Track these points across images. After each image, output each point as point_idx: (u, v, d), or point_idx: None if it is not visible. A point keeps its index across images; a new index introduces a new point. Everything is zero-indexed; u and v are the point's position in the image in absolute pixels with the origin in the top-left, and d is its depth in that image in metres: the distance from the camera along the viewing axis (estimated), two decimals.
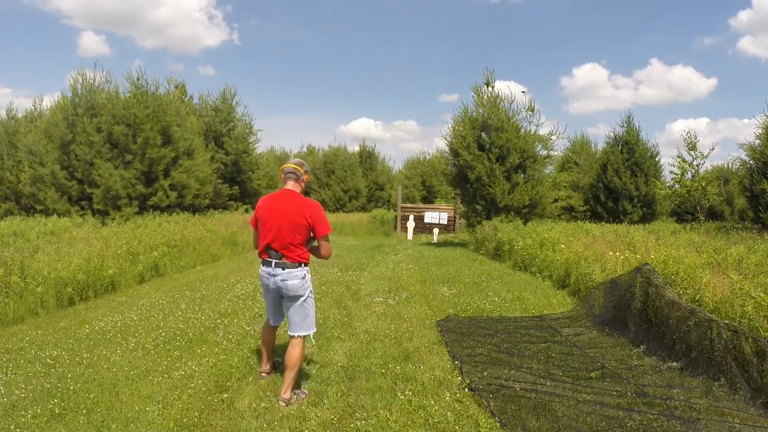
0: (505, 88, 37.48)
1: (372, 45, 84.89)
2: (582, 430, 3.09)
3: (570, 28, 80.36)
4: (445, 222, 20.99)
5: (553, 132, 15.73)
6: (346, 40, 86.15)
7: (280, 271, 3.45)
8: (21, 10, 67.41)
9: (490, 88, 15.87)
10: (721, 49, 72.98)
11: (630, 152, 20.60)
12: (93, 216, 14.80)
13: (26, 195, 16.71)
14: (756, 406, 3.36)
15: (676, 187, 15.40)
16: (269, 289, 3.59)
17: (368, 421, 3.23)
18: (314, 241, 3.62)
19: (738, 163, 19.57)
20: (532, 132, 15.48)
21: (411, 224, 19.60)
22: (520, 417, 3.24)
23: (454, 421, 3.23)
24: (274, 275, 3.47)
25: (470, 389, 3.70)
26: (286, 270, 3.45)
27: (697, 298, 4.99)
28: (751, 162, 16.69)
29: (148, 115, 15.31)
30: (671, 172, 15.88)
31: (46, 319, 6.13)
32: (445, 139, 16.16)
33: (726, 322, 3.93)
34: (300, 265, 3.49)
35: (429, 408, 3.39)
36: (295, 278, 3.46)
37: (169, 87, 18.71)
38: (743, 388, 3.52)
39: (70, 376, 4.06)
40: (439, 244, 16.44)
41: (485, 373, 4.01)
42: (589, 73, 74.84)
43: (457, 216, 20.53)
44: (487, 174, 14.70)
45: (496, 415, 3.27)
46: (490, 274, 9.29)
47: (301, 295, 3.50)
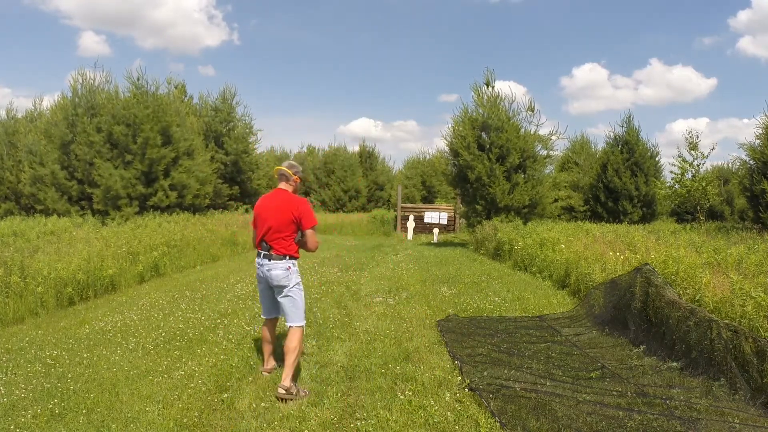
0: (505, 88, 37.56)
1: (372, 45, 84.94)
2: (582, 430, 3.09)
3: (570, 28, 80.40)
4: (445, 222, 21.00)
5: (553, 132, 15.76)
6: (346, 40, 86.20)
7: (267, 261, 3.75)
8: (21, 10, 67.50)
9: (490, 88, 15.87)
10: (721, 49, 73.06)
11: (630, 152, 20.60)
12: (93, 216, 14.81)
13: (26, 195, 16.73)
14: (756, 406, 3.36)
15: (676, 187, 15.41)
16: (260, 279, 3.88)
17: (368, 421, 3.23)
18: (302, 236, 3.87)
19: (738, 163, 19.62)
20: (532, 132, 15.49)
21: (411, 224, 19.61)
22: (520, 417, 3.24)
23: (454, 421, 3.23)
24: (263, 265, 3.77)
25: (470, 389, 3.70)
26: (272, 261, 3.73)
27: (697, 298, 4.99)
28: (751, 162, 16.70)
29: (148, 115, 15.31)
30: (671, 172, 15.89)
31: (46, 319, 6.13)
32: (445, 139, 16.19)
33: (726, 322, 3.93)
34: (285, 258, 3.74)
35: (429, 408, 3.39)
36: (280, 269, 3.71)
37: (169, 87, 18.74)
38: (743, 388, 3.52)
39: (70, 376, 4.06)
40: (439, 244, 16.44)
41: (485, 373, 4.01)
42: (589, 73, 74.87)
43: (457, 216, 20.54)
44: (487, 174, 14.71)
45: (496, 415, 3.27)
46: (490, 274, 9.29)
47: (285, 285, 3.74)
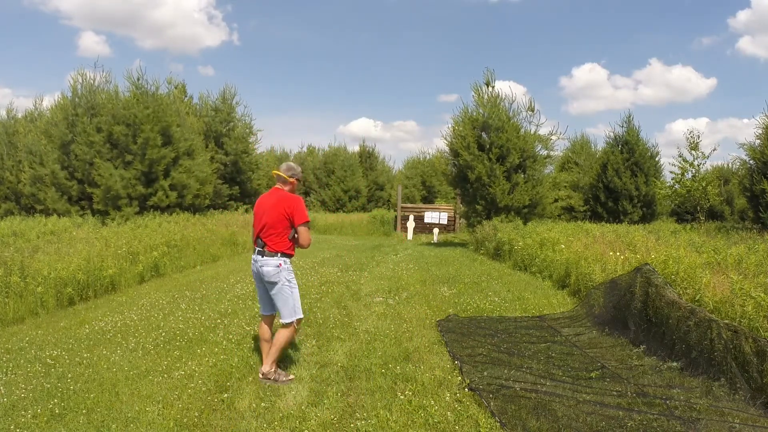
0: (505, 87, 37.53)
1: (372, 45, 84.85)
2: (582, 430, 3.09)
3: (569, 28, 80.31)
4: (445, 222, 20.99)
5: (553, 132, 15.76)
6: (346, 40, 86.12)
7: (260, 258, 3.90)
8: (21, 10, 67.45)
9: (490, 88, 15.87)
10: (721, 49, 72.99)
11: (630, 152, 20.59)
12: (93, 216, 14.81)
13: (26, 195, 16.73)
14: (756, 406, 3.36)
15: (676, 187, 15.42)
16: (255, 275, 4.02)
17: (368, 421, 3.23)
18: (295, 232, 3.97)
19: (738, 163, 19.59)
20: (532, 132, 15.49)
21: (411, 224, 19.60)
22: (520, 417, 3.24)
23: (454, 421, 3.23)
24: (256, 261, 3.93)
25: (470, 389, 3.70)
26: (265, 257, 3.87)
27: (697, 298, 4.99)
28: (751, 162, 16.71)
29: (148, 116, 15.31)
30: (671, 172, 15.91)
31: (46, 319, 6.13)
32: (445, 139, 16.18)
33: (726, 322, 3.93)
34: (277, 255, 3.86)
35: (429, 408, 3.39)
36: (271, 265, 3.84)
37: (170, 87, 18.74)
38: (743, 388, 3.52)
39: (70, 376, 4.06)
40: (439, 244, 16.44)
41: (485, 373, 4.01)
42: (589, 73, 74.80)
43: (457, 216, 20.53)
44: (487, 174, 14.70)
45: (496, 415, 3.27)
46: (490, 274, 9.29)
47: (276, 281, 3.86)
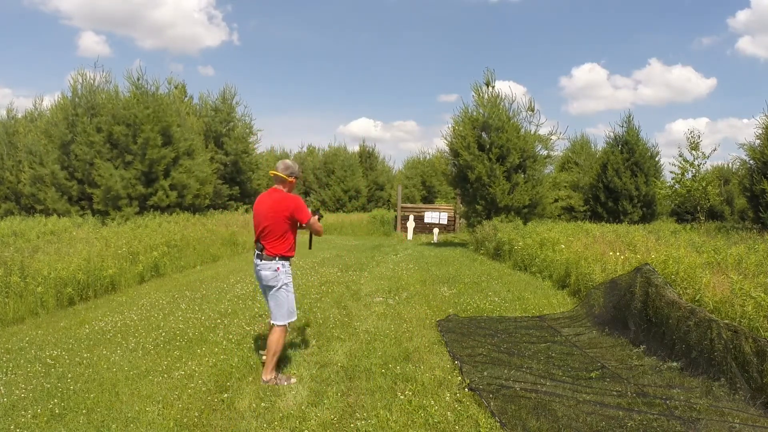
0: (505, 87, 37.53)
1: (372, 45, 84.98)
2: (582, 430, 3.08)
3: (569, 28, 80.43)
4: (445, 222, 20.99)
5: (553, 132, 15.75)
6: (346, 40, 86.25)
7: (259, 261, 3.91)
8: (21, 10, 67.50)
9: (491, 88, 15.87)
10: (720, 49, 73.07)
11: (630, 152, 20.59)
12: (93, 216, 14.82)
13: (26, 195, 16.73)
14: (756, 406, 3.36)
15: (677, 187, 15.41)
16: (257, 278, 4.01)
17: (368, 421, 3.23)
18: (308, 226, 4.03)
19: (738, 163, 19.59)
20: (532, 132, 15.49)
21: (411, 224, 19.60)
22: (520, 417, 3.24)
23: (454, 421, 3.23)
24: (256, 265, 3.95)
25: (470, 389, 3.70)
26: (263, 261, 3.88)
27: (697, 298, 4.99)
28: (751, 162, 16.70)
29: (149, 116, 15.31)
30: (671, 172, 15.90)
31: (46, 319, 6.13)
32: (445, 139, 16.18)
33: (726, 322, 3.93)
34: (275, 258, 3.86)
35: (429, 408, 3.39)
36: (268, 269, 3.86)
37: (170, 87, 18.74)
38: (743, 388, 3.52)
39: (70, 376, 4.06)
40: (439, 244, 16.44)
41: (485, 373, 4.01)
42: (588, 73, 74.90)
43: (457, 216, 20.53)
44: (487, 174, 14.70)
45: (496, 415, 3.26)
46: (490, 274, 9.29)
47: (274, 285, 3.87)
